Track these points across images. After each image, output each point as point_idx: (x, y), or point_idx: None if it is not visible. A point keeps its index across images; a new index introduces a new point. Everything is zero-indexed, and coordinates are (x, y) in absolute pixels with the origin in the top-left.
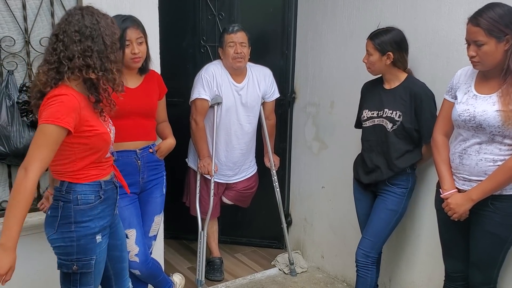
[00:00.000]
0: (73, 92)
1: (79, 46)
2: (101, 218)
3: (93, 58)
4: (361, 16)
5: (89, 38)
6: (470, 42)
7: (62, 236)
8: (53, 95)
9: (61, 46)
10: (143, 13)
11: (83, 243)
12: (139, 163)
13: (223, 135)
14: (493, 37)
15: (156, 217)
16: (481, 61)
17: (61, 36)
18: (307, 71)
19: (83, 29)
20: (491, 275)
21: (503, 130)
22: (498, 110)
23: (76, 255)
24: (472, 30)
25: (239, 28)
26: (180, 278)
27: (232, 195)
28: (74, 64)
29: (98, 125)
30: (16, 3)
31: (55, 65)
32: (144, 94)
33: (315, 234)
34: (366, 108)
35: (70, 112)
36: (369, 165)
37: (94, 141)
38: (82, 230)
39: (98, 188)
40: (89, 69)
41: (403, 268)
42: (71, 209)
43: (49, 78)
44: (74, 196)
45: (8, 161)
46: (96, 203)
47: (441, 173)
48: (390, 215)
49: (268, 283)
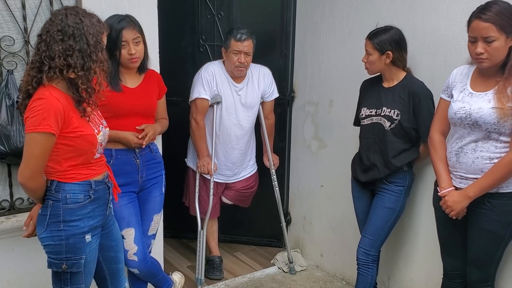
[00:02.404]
0: (56, 94)
1: (60, 45)
2: (91, 217)
3: (74, 58)
4: (359, 15)
5: (71, 37)
6: (479, 38)
7: (51, 234)
8: (36, 98)
9: (43, 46)
10: (142, 13)
11: (72, 242)
12: (138, 162)
13: (223, 135)
14: (504, 32)
15: (155, 216)
16: (490, 57)
17: (44, 36)
18: (306, 70)
19: (66, 28)
20: (488, 273)
21: (499, 127)
22: (493, 107)
23: (65, 254)
24: (481, 26)
25: (247, 37)
26: (180, 277)
27: (231, 195)
28: (55, 64)
29: (83, 126)
30: (15, 3)
31: (36, 64)
32: (143, 94)
33: (314, 233)
34: (365, 106)
35: (52, 115)
36: (366, 163)
37: (78, 142)
38: (71, 229)
39: (88, 188)
40: (70, 69)
41: (402, 266)
42: (60, 208)
43: (30, 78)
44: (63, 195)
45: (8, 160)
46: (85, 202)
47: (438, 171)
48: (389, 213)
49: (268, 282)
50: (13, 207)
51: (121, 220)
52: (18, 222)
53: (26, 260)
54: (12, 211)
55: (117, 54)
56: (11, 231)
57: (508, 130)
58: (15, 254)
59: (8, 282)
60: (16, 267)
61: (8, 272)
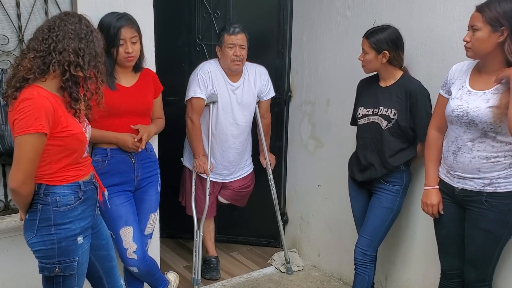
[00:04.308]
0: (45, 93)
1: (72, 43)
2: (82, 219)
3: (85, 58)
4: (356, 14)
5: (83, 40)
6: (469, 27)
7: (42, 239)
8: (24, 98)
9: (54, 37)
10: (137, 11)
11: (65, 245)
12: (133, 161)
13: (219, 134)
14: (489, 25)
15: (151, 215)
16: (472, 47)
17: (56, 29)
18: (303, 69)
19: (79, 30)
20: (486, 272)
21: (495, 127)
22: (491, 107)
23: (58, 257)
24: (473, 15)
25: (240, 30)
26: (175, 276)
27: (228, 194)
28: (63, 58)
29: (72, 125)
30: (9, 1)
31: (42, 53)
32: (139, 93)
33: (311, 233)
34: (362, 105)
35: (43, 115)
36: (363, 163)
37: (68, 142)
38: (63, 232)
39: (77, 189)
40: (78, 67)
41: (399, 266)
42: (50, 211)
43: (34, 66)
44: (52, 198)
45: (2, 160)
46: (75, 204)
47: (427, 169)
48: (386, 212)
49: (265, 282)
50: (7, 207)
51: (118, 219)
52: (12, 222)
53: (20, 261)
54: (6, 211)
55: (114, 52)
56: (6, 232)
57: (505, 130)
58: (9, 255)
59: (3, 283)
60: (11, 268)
61: (2, 273)
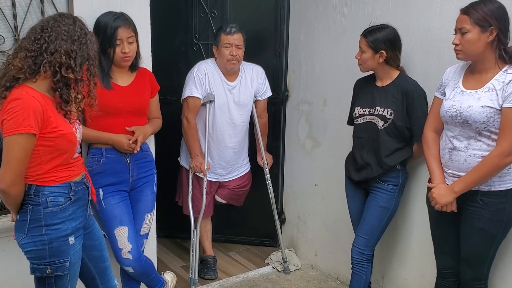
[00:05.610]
0: (34, 93)
1: (64, 45)
2: (73, 219)
3: (76, 61)
4: (353, 14)
5: (75, 42)
6: (457, 30)
7: (33, 240)
8: (13, 98)
9: (46, 38)
10: (134, 11)
11: (56, 246)
12: (128, 161)
13: (216, 133)
14: (477, 26)
15: (147, 215)
16: (463, 49)
17: (48, 29)
18: (300, 69)
19: (72, 32)
20: (481, 271)
21: (489, 126)
22: (483, 106)
23: (49, 258)
24: (459, 18)
25: (237, 30)
26: (172, 276)
27: (225, 194)
28: (55, 59)
29: (62, 125)
30: (5, 1)
31: (33, 53)
32: (135, 92)
33: (309, 232)
34: (358, 105)
35: (31, 115)
36: (360, 162)
37: (58, 142)
38: (54, 233)
39: (68, 190)
40: (69, 69)
41: (396, 265)
42: (41, 212)
43: (25, 65)
44: (43, 199)
45: None
46: (66, 204)
47: (431, 168)
48: (382, 212)
49: (262, 281)
50: (3, 207)
51: (113, 219)
52: (8, 222)
53: (17, 261)
54: (2, 211)
55: (110, 52)
56: (2, 232)
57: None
58: (6, 255)
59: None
60: (7, 267)
61: None
